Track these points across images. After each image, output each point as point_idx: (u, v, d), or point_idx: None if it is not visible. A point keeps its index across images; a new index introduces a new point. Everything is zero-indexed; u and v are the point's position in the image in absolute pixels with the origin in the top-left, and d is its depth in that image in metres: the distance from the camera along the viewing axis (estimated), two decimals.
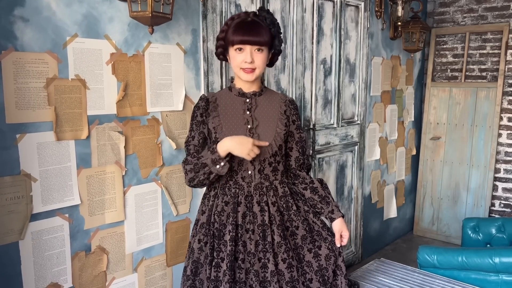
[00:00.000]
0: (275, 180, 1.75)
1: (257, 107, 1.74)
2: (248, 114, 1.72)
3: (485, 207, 3.88)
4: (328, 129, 3.07)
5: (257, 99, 1.75)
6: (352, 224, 3.45)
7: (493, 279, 2.24)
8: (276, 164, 1.75)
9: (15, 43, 1.57)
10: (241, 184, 1.70)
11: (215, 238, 1.69)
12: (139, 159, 2.01)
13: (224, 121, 1.71)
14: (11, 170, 1.60)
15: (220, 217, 1.69)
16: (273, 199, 1.72)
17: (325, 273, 1.73)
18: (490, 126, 3.82)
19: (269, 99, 1.78)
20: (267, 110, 1.75)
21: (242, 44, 1.62)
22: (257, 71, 1.67)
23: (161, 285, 2.17)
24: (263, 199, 1.70)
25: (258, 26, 1.63)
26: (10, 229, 1.62)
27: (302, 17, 2.72)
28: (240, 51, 1.64)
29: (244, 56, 1.63)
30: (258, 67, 1.65)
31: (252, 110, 1.73)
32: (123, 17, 1.87)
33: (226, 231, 1.67)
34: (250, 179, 1.70)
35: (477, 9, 3.90)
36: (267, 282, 1.66)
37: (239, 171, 1.70)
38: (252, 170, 1.70)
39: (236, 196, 1.69)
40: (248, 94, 1.74)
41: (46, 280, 1.74)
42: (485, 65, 3.89)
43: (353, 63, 3.24)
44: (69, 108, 1.74)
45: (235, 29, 1.63)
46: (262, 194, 1.70)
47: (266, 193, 1.71)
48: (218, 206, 1.71)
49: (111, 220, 1.93)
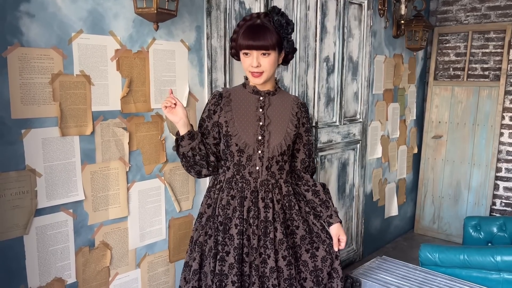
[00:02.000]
0: (280, 178, 1.77)
1: (270, 106, 1.76)
2: (261, 111, 1.75)
3: (486, 206, 3.89)
4: (330, 127, 3.07)
5: (270, 98, 1.77)
6: (353, 222, 3.46)
7: (494, 278, 2.25)
8: (283, 163, 1.77)
9: (20, 38, 1.58)
10: (247, 179, 1.72)
11: (219, 232, 1.70)
12: (143, 155, 2.01)
13: (237, 116, 1.74)
14: (16, 165, 1.61)
15: (225, 210, 1.71)
16: (278, 197, 1.74)
17: (319, 274, 1.75)
18: (492, 125, 3.82)
19: (282, 99, 1.80)
20: (280, 110, 1.78)
21: (248, 49, 1.64)
22: (265, 75, 1.68)
23: (164, 281, 2.18)
24: (268, 196, 1.72)
25: (264, 30, 1.63)
26: (15, 224, 1.63)
27: (305, 14, 2.73)
28: (247, 55, 1.66)
29: (251, 61, 1.65)
30: (266, 70, 1.67)
31: (265, 108, 1.75)
32: (128, 13, 1.87)
33: (232, 225, 1.69)
34: (257, 175, 1.72)
35: (480, 8, 3.90)
36: (265, 277, 1.68)
37: (247, 166, 1.72)
38: (260, 166, 1.72)
39: (242, 190, 1.71)
40: (262, 92, 1.76)
41: (50, 275, 1.75)
42: (487, 64, 3.89)
43: (355, 61, 3.24)
44: (73, 104, 1.74)
45: (243, 33, 1.65)
46: (267, 191, 1.73)
47: (272, 190, 1.73)
48: (223, 199, 1.73)
49: (115, 216, 1.94)
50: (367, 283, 2.17)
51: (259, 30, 1.64)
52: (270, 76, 1.71)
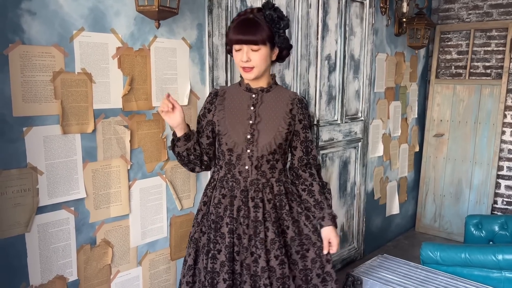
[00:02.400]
0: (272, 177, 1.74)
1: (262, 104, 1.73)
2: (252, 109, 1.72)
3: (487, 204, 3.88)
4: (331, 125, 3.07)
5: (264, 96, 1.74)
6: (354, 220, 3.46)
7: (496, 276, 2.25)
8: (274, 162, 1.73)
9: (22, 36, 1.57)
10: (237, 178, 1.72)
11: (212, 230, 1.72)
12: (144, 153, 2.01)
13: (228, 114, 1.73)
14: (18, 163, 1.61)
15: (217, 209, 1.72)
16: (269, 196, 1.71)
17: (309, 273, 1.74)
18: (494, 123, 3.81)
19: (277, 96, 1.76)
20: (272, 108, 1.74)
21: (238, 44, 1.63)
22: (256, 70, 1.66)
23: (165, 278, 2.18)
24: (258, 196, 1.70)
25: (255, 25, 1.61)
26: (17, 222, 1.63)
27: (307, 12, 2.72)
28: (238, 50, 1.65)
29: (241, 55, 1.63)
30: (256, 65, 1.64)
31: (257, 106, 1.72)
32: (129, 11, 1.87)
33: (223, 223, 1.70)
34: (246, 174, 1.71)
35: (482, 6, 3.89)
36: (257, 277, 1.67)
37: (237, 165, 1.71)
38: (249, 165, 1.70)
39: (232, 189, 1.72)
40: (254, 89, 1.74)
41: (52, 273, 1.75)
42: (489, 62, 3.88)
43: (357, 59, 3.23)
44: (75, 102, 1.74)
45: (233, 28, 1.64)
46: (257, 191, 1.71)
47: (262, 190, 1.71)
48: (215, 198, 1.74)
49: (116, 213, 1.94)
50: (368, 282, 2.17)
51: (249, 24, 1.62)
52: (261, 71, 1.68)
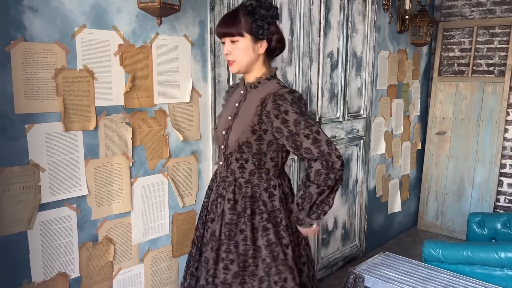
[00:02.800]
0: (241, 177, 1.63)
1: (245, 100, 1.64)
2: (236, 106, 1.67)
3: (490, 202, 3.87)
4: (334, 123, 3.06)
5: (251, 92, 1.65)
6: (356, 218, 3.45)
7: (498, 274, 2.24)
8: (243, 162, 1.61)
9: (24, 33, 1.57)
10: (217, 173, 1.75)
11: (199, 219, 1.81)
12: (146, 150, 2.01)
13: (223, 110, 1.78)
14: (20, 160, 1.61)
15: (204, 200, 1.81)
16: (230, 196, 1.63)
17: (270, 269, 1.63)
18: (497, 121, 3.80)
19: (259, 92, 1.61)
20: (249, 104, 1.62)
21: (220, 37, 1.62)
22: (236, 64, 1.60)
23: (167, 275, 2.18)
24: (222, 193, 1.66)
25: (232, 16, 1.58)
26: (19, 219, 1.63)
27: (309, 9, 2.71)
28: (224, 44, 1.63)
29: (225, 49, 1.62)
30: (236, 59, 1.59)
31: (241, 103, 1.65)
32: (131, 8, 1.87)
33: (202, 215, 1.78)
34: (221, 170, 1.70)
35: (486, 3, 3.87)
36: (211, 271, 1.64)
37: (219, 161, 1.73)
38: (222, 161, 1.68)
39: (213, 183, 1.77)
40: (245, 85, 1.69)
41: (54, 270, 1.76)
42: (492, 60, 3.86)
43: (359, 57, 3.22)
44: (77, 99, 1.74)
45: (218, 22, 1.64)
46: (224, 188, 1.66)
47: (227, 188, 1.65)
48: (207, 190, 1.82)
49: (118, 210, 1.94)
50: (370, 279, 2.17)
51: (228, 17, 1.61)
52: (244, 64, 1.61)
